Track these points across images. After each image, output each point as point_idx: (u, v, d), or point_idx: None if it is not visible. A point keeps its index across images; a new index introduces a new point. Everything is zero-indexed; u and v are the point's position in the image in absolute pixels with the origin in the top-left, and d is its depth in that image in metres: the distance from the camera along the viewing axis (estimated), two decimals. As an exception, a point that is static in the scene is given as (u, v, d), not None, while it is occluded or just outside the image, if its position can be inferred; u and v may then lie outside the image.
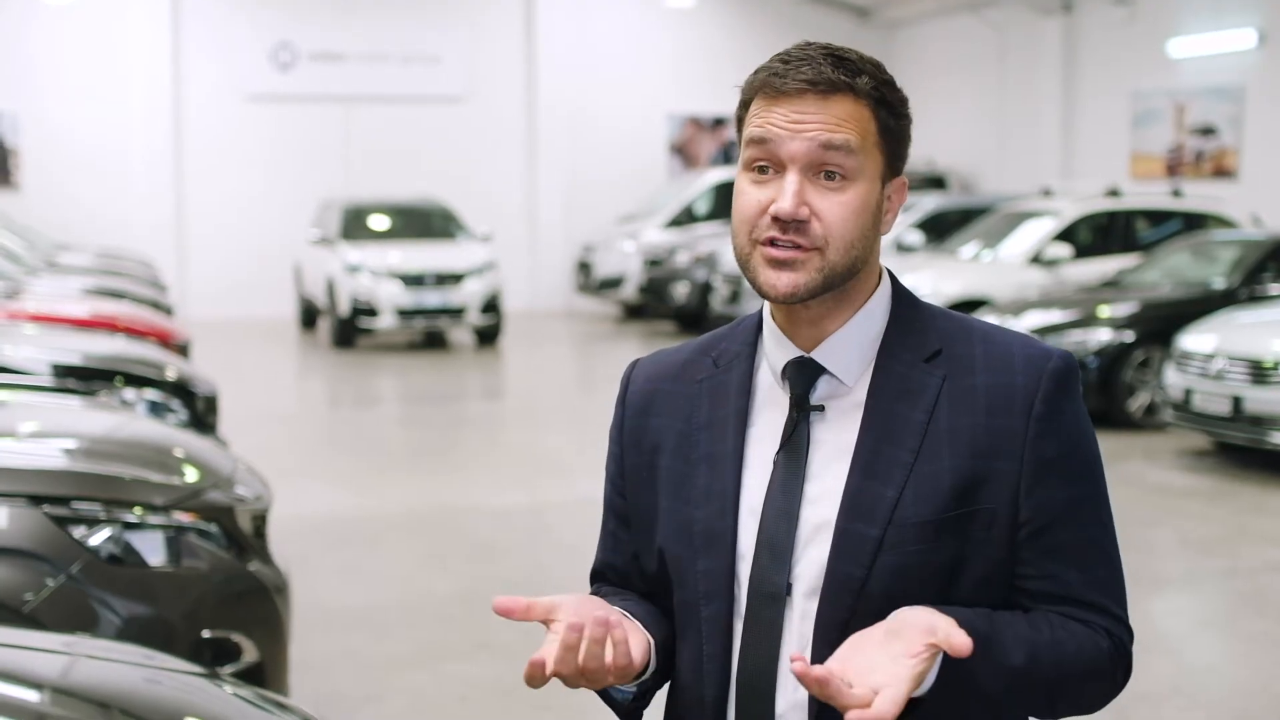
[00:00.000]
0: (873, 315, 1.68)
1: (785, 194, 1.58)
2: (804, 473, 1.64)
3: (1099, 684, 1.64)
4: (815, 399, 1.66)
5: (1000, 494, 1.61)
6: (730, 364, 1.73)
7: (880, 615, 1.58)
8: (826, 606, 1.60)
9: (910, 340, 1.67)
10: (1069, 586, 1.62)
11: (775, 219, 1.59)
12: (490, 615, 6.19)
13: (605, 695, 1.71)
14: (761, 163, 1.61)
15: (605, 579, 1.83)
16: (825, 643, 1.60)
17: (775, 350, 1.69)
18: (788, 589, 1.62)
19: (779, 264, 1.60)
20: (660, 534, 1.72)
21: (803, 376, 1.66)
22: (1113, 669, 1.64)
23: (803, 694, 1.61)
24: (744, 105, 1.66)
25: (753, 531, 1.65)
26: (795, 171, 1.59)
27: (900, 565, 1.59)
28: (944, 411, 1.62)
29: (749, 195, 1.62)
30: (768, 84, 1.61)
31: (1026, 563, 1.62)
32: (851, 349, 1.66)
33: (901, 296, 1.71)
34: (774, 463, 1.66)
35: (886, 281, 1.71)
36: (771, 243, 1.60)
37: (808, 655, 1.61)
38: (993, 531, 1.61)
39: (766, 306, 1.72)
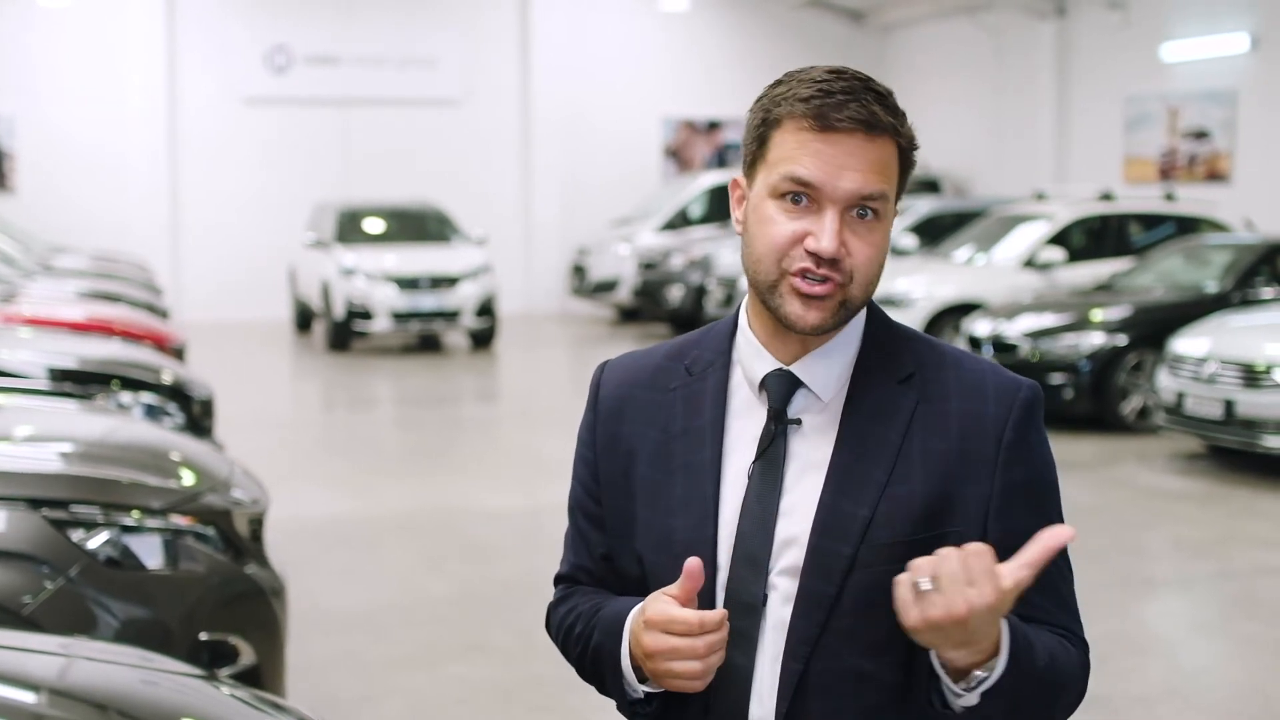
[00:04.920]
0: (851, 334, 1.71)
1: (826, 233, 1.59)
2: (780, 485, 1.66)
3: (1077, 694, 1.69)
4: (791, 412, 1.68)
5: (969, 517, 1.64)
6: (704, 372, 1.75)
7: (850, 631, 1.63)
8: (798, 621, 1.63)
9: (885, 361, 1.70)
10: (1033, 608, 1.64)
11: (811, 254, 1.60)
12: (486, 617, 6.23)
13: (618, 690, 1.71)
14: (797, 194, 1.61)
15: (576, 582, 1.83)
16: (795, 656, 1.63)
17: (754, 361, 1.71)
18: (763, 600, 1.64)
19: (808, 298, 1.61)
20: (639, 541, 1.73)
21: (782, 389, 1.68)
22: (1083, 678, 1.69)
23: (775, 702, 1.64)
24: (771, 123, 1.64)
25: (730, 542, 1.66)
26: (834, 211, 1.61)
27: (870, 584, 1.61)
28: (917, 434, 1.66)
29: (781, 226, 1.62)
30: (818, 114, 1.60)
31: None
32: (831, 366, 1.69)
33: (876, 317, 1.74)
34: (749, 474, 1.67)
35: None
36: (803, 275, 1.61)
37: (778, 666, 1.64)
38: None
39: (744, 316, 1.73)
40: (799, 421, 1.68)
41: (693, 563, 1.57)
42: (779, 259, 1.62)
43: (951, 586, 1.46)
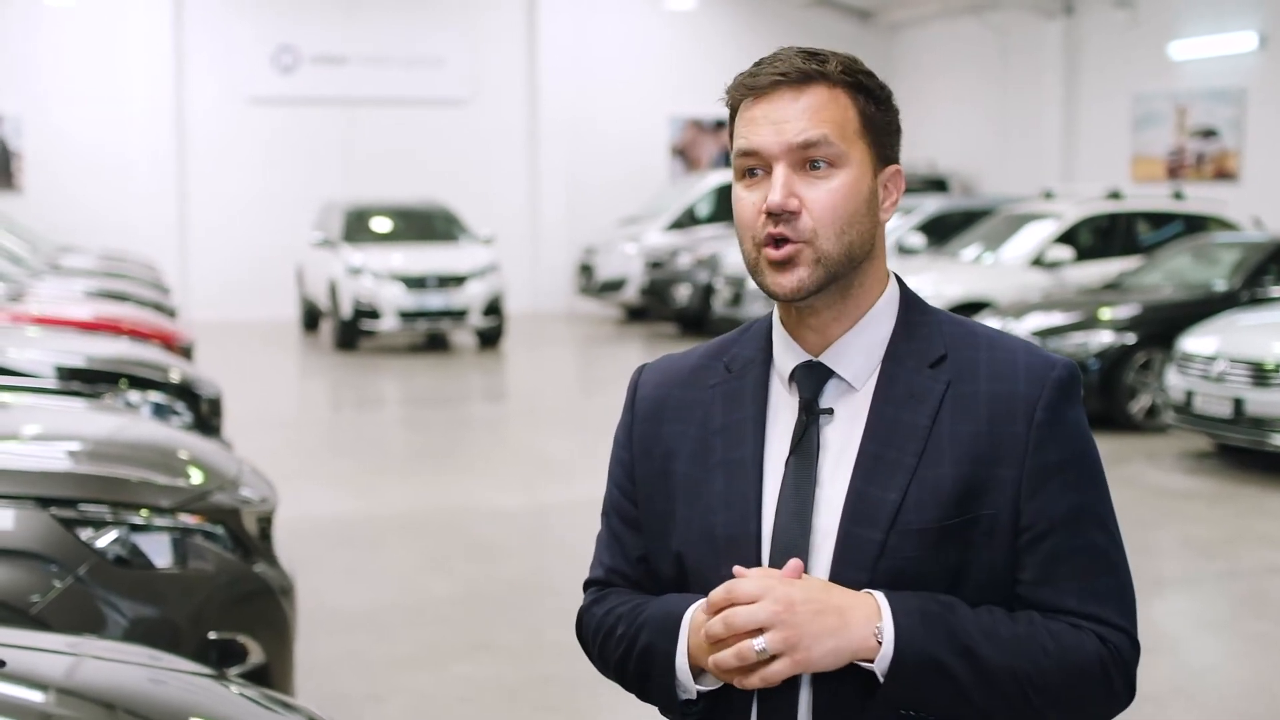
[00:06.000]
0: (880, 318, 1.69)
1: (774, 187, 1.61)
2: (815, 476, 1.65)
3: (1087, 686, 1.61)
4: (824, 402, 1.67)
5: (1001, 500, 1.62)
6: (744, 369, 1.74)
7: None
8: None
9: (916, 345, 1.68)
10: (1065, 594, 1.62)
11: (768, 214, 1.61)
12: (492, 616, 6.22)
13: (666, 690, 1.68)
14: (751, 167, 1.64)
15: (610, 585, 1.81)
16: None
17: (784, 354, 1.71)
18: None
19: (779, 265, 1.62)
20: (677, 539, 1.72)
21: (811, 380, 1.68)
22: (1104, 673, 1.61)
23: (820, 694, 1.63)
24: (731, 116, 1.69)
25: (771, 536, 1.65)
26: (782, 165, 1.62)
27: (901, 570, 1.60)
28: (947, 417, 1.64)
29: (745, 201, 1.65)
30: (743, 85, 1.65)
31: (1025, 568, 1.63)
32: (859, 352, 1.68)
33: (910, 301, 1.72)
34: (785, 466, 1.67)
35: (894, 285, 1.72)
36: (772, 243, 1.62)
37: None
38: (994, 538, 1.62)
39: (776, 311, 1.73)
40: (831, 411, 1.67)
41: (794, 564, 1.59)
42: (750, 234, 1.64)
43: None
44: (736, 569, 1.59)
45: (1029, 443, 1.62)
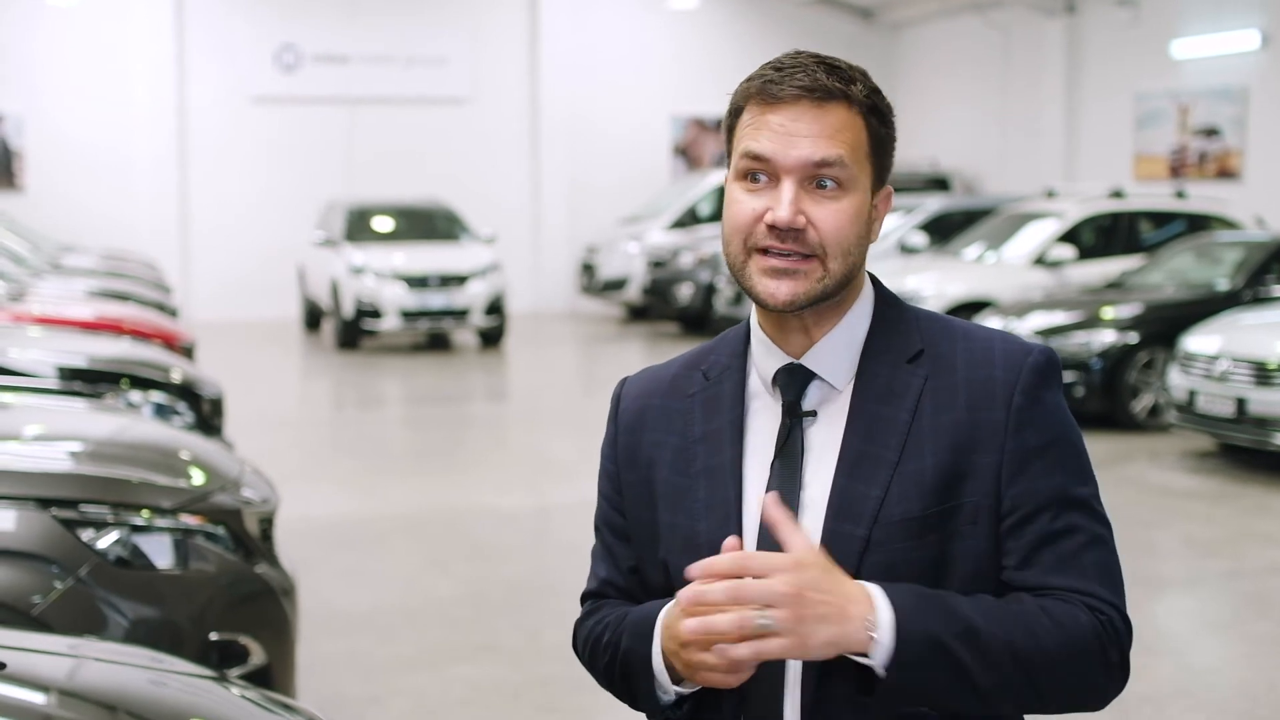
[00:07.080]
0: (858, 318, 1.70)
1: (782, 203, 1.60)
2: (800, 478, 1.65)
3: (1084, 661, 1.59)
4: (807, 404, 1.68)
5: (983, 486, 1.62)
6: (720, 376, 1.75)
7: None
8: None
9: (893, 342, 1.69)
10: (1049, 573, 1.61)
11: (771, 227, 1.60)
12: (494, 618, 6.22)
13: (649, 694, 1.68)
14: (755, 172, 1.63)
15: (605, 597, 1.82)
16: None
17: (765, 359, 1.71)
18: None
19: (778, 273, 1.62)
20: (663, 548, 1.72)
21: (794, 383, 1.68)
22: (1099, 644, 1.59)
23: (807, 697, 1.62)
24: (734, 113, 1.67)
25: (755, 541, 1.65)
26: (791, 181, 1.61)
27: (888, 564, 1.60)
28: (927, 410, 1.64)
29: (743, 204, 1.63)
30: (763, 91, 1.63)
31: (1009, 554, 1.63)
32: (840, 353, 1.68)
33: (884, 298, 1.73)
34: (770, 470, 1.67)
35: (868, 284, 1.73)
36: (767, 251, 1.61)
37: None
38: (978, 525, 1.62)
39: (753, 316, 1.73)
40: (814, 414, 1.68)
41: (730, 541, 1.56)
42: (744, 238, 1.63)
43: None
44: (728, 540, 1.57)
45: (1008, 427, 1.63)
